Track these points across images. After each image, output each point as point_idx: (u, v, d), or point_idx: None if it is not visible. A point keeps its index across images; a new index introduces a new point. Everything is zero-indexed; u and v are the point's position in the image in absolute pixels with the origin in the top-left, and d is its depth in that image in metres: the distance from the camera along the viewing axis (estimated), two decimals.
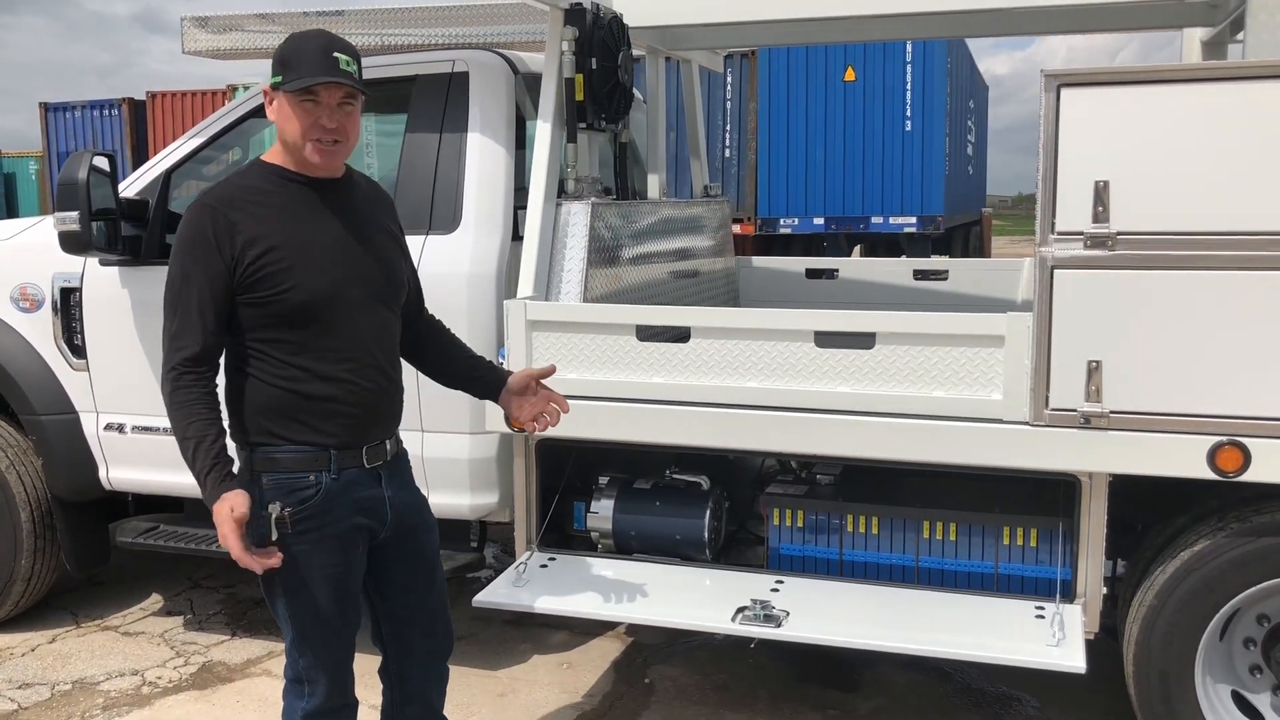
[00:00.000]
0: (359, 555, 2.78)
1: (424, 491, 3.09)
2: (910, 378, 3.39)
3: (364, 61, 2.72)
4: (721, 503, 4.04)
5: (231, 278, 2.58)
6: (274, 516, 2.61)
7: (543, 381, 3.12)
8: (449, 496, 4.03)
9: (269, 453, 2.65)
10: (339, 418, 2.68)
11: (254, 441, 2.67)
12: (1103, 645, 3.50)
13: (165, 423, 4.25)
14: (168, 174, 4.40)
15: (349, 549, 2.74)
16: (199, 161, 4.52)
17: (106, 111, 21.29)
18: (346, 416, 2.69)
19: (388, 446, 2.82)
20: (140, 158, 19.94)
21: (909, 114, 14.52)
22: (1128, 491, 3.37)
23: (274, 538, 2.60)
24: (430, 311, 3.13)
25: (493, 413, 3.75)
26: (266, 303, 2.60)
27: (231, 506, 2.50)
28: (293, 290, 2.60)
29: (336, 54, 2.61)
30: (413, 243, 3.99)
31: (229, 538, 2.52)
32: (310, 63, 2.59)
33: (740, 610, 3.47)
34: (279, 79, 2.61)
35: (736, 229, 12.75)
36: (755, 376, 3.54)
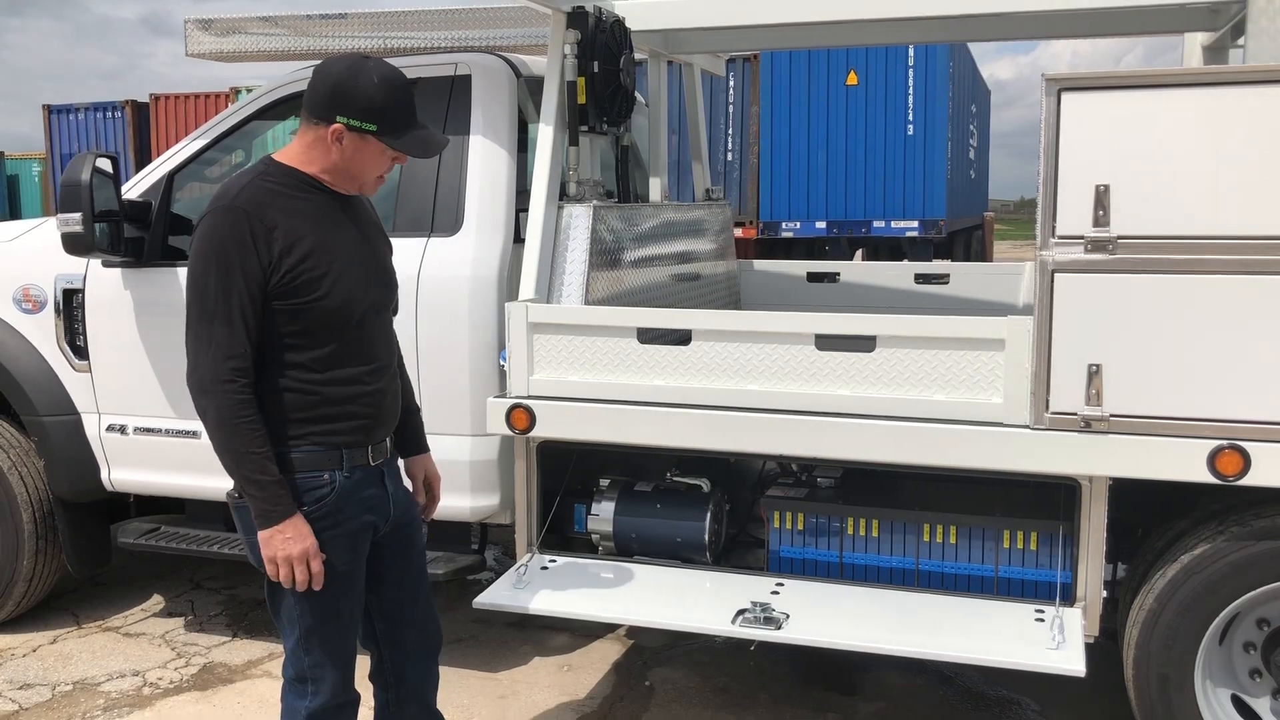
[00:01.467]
0: (365, 552, 2.81)
1: None
2: (911, 381, 3.39)
3: None
4: (722, 505, 4.04)
5: (267, 283, 2.58)
6: None
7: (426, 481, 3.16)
8: (450, 498, 3.99)
9: (283, 454, 2.65)
10: (354, 418, 2.71)
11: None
12: (1103, 649, 3.50)
13: (167, 424, 4.34)
14: (170, 176, 4.40)
15: (358, 546, 2.77)
16: (202, 164, 4.52)
17: (109, 114, 21.30)
18: (361, 417, 2.73)
19: (387, 444, 2.87)
20: (143, 160, 19.97)
21: (911, 118, 14.51)
22: (1128, 495, 3.37)
23: None
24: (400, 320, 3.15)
25: (494, 415, 3.77)
26: (303, 309, 2.61)
27: (307, 551, 2.58)
28: (327, 297, 2.62)
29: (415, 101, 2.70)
30: (414, 245, 4.03)
31: (297, 570, 2.58)
32: (408, 118, 2.68)
33: (740, 613, 3.48)
34: (372, 127, 2.62)
35: (738, 232, 12.75)
36: (756, 379, 3.55)
